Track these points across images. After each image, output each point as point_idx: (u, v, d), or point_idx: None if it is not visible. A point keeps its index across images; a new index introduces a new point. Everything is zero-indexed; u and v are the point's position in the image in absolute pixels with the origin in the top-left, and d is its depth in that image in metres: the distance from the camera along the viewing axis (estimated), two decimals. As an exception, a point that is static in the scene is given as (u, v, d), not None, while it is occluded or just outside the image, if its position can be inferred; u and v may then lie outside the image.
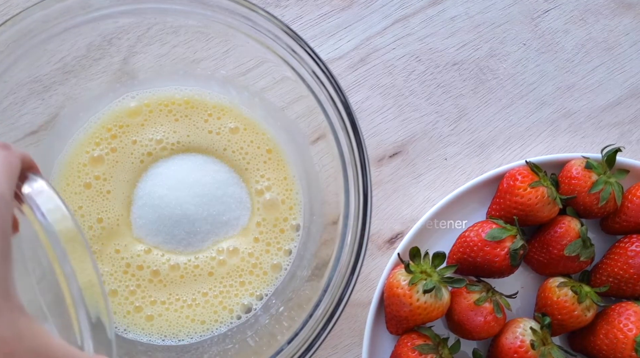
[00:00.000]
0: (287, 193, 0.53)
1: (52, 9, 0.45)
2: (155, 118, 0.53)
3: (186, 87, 0.54)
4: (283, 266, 0.53)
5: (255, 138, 0.53)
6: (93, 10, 0.46)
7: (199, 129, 0.53)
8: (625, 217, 0.53)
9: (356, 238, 0.44)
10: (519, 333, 0.50)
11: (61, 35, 0.47)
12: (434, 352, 0.49)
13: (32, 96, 0.51)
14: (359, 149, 0.44)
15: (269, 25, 0.45)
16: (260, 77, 0.52)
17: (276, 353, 0.44)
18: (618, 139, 0.59)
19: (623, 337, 0.49)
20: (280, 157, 0.53)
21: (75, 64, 0.51)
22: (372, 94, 0.58)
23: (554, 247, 0.51)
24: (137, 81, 0.53)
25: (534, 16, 0.59)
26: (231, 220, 0.52)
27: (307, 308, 0.44)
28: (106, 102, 0.53)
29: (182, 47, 0.53)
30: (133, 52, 0.53)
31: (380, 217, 0.57)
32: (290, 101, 0.51)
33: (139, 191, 0.52)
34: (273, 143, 0.53)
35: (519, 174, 0.52)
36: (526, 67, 0.59)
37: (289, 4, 0.58)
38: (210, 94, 0.54)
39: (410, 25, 0.59)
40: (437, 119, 0.58)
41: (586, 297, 0.50)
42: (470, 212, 0.55)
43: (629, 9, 0.60)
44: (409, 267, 0.50)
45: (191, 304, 0.52)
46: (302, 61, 0.45)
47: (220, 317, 0.52)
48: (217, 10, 0.45)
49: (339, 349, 0.56)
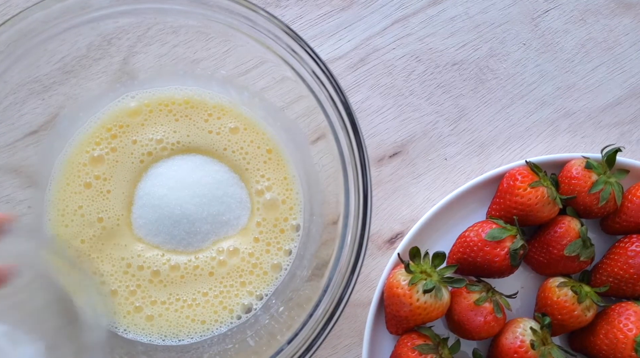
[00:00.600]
0: (287, 193, 0.53)
1: (52, 9, 0.45)
2: (155, 118, 0.53)
3: (186, 87, 0.54)
4: (283, 266, 0.53)
5: (255, 138, 0.53)
6: (93, 10, 0.46)
7: (199, 129, 0.53)
8: (625, 217, 0.53)
9: (356, 238, 0.44)
10: (519, 333, 0.50)
11: (61, 35, 0.47)
12: (434, 352, 0.49)
13: (32, 96, 0.51)
14: (359, 148, 0.44)
15: (269, 25, 0.45)
16: (260, 77, 0.52)
17: (276, 353, 0.44)
18: (618, 139, 0.59)
19: (623, 337, 0.49)
20: (280, 157, 0.53)
21: (75, 64, 0.51)
22: (372, 94, 0.58)
23: (554, 247, 0.51)
24: (137, 81, 0.53)
25: (534, 16, 0.59)
26: (231, 220, 0.52)
27: (307, 308, 0.44)
28: (106, 102, 0.53)
29: (182, 47, 0.53)
30: (133, 52, 0.53)
31: (380, 217, 0.57)
32: (290, 101, 0.51)
33: (139, 191, 0.52)
34: (273, 143, 0.53)
35: (519, 174, 0.52)
36: (526, 67, 0.59)
37: (289, 4, 0.58)
38: (210, 94, 0.54)
39: (410, 25, 0.59)
40: (437, 119, 0.58)
41: (586, 297, 0.50)
42: (470, 212, 0.55)
43: (629, 9, 0.60)
44: (409, 267, 0.50)
45: (191, 304, 0.52)
46: (302, 61, 0.45)
47: (221, 317, 0.52)
48: (217, 10, 0.45)
49: (339, 349, 0.56)
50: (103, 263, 0.51)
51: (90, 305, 0.41)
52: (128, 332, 0.51)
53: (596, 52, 0.59)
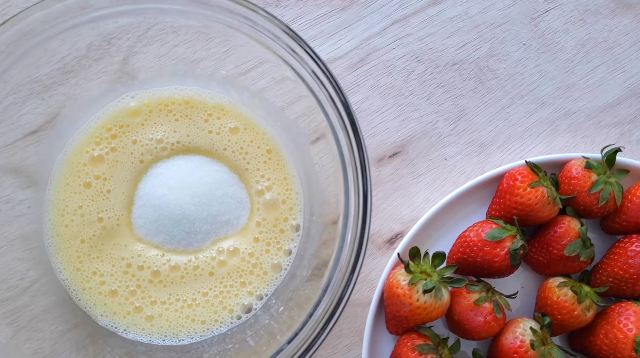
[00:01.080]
0: (287, 193, 0.53)
1: (52, 9, 0.45)
2: (155, 118, 0.53)
3: (186, 87, 0.54)
4: (283, 266, 0.53)
5: (255, 138, 0.53)
6: (93, 10, 0.46)
7: (199, 129, 0.53)
8: (625, 217, 0.53)
9: (356, 238, 0.44)
10: (519, 333, 0.50)
11: (61, 35, 0.47)
12: (434, 352, 0.49)
13: (32, 96, 0.51)
14: (359, 148, 0.44)
15: (269, 25, 0.45)
16: (260, 77, 0.52)
17: (276, 353, 0.44)
18: (618, 139, 0.59)
19: (623, 337, 0.49)
20: (280, 157, 0.53)
21: (75, 64, 0.51)
22: (372, 94, 0.58)
23: (554, 247, 0.51)
24: (137, 81, 0.53)
25: (533, 16, 0.59)
26: (231, 220, 0.52)
27: (307, 308, 0.44)
28: (106, 102, 0.53)
29: (182, 47, 0.53)
30: (133, 52, 0.53)
31: (380, 217, 0.57)
32: (290, 101, 0.51)
33: (139, 191, 0.52)
34: (273, 143, 0.53)
35: (519, 174, 0.52)
36: (526, 67, 0.59)
37: (289, 4, 0.58)
38: (210, 94, 0.54)
39: (410, 25, 0.59)
40: (437, 119, 0.58)
41: (586, 297, 0.50)
42: (470, 212, 0.55)
43: (629, 9, 0.60)
44: (409, 267, 0.50)
45: (191, 304, 0.52)
46: (302, 61, 0.45)
47: (221, 317, 0.52)
48: (217, 10, 0.45)
49: (339, 349, 0.56)
50: (103, 263, 0.51)
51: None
52: (128, 332, 0.51)
53: (596, 52, 0.59)
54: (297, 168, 0.53)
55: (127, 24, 0.50)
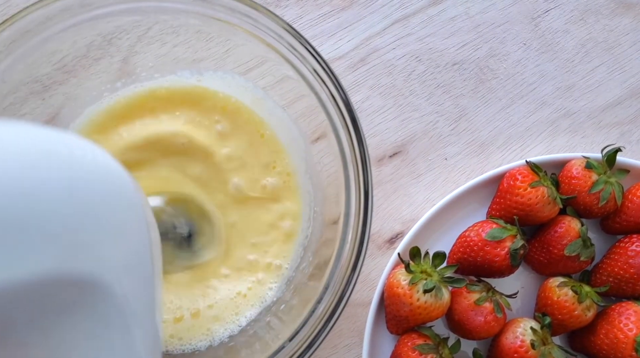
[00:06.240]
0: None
1: (52, 8, 0.44)
2: (156, 117, 0.53)
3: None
4: (283, 266, 0.52)
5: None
6: (93, 9, 0.46)
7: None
8: (625, 217, 0.53)
9: (357, 236, 0.43)
10: (519, 333, 0.50)
11: (61, 35, 0.46)
12: (434, 352, 0.49)
13: (32, 96, 0.51)
14: (360, 147, 0.44)
15: (270, 23, 0.45)
16: (260, 76, 0.52)
17: (276, 352, 0.44)
18: (618, 139, 0.59)
19: (623, 337, 0.49)
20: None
21: (75, 64, 0.51)
22: (372, 94, 0.58)
23: (554, 247, 0.51)
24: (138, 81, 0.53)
25: (534, 16, 0.59)
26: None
27: (307, 307, 0.44)
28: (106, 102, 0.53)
29: (183, 47, 0.53)
30: (133, 52, 0.53)
31: (381, 217, 0.57)
32: (291, 100, 0.51)
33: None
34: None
35: (519, 174, 0.52)
36: (526, 67, 0.59)
37: (289, 4, 0.58)
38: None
39: (410, 25, 0.59)
40: (437, 118, 0.58)
41: (586, 297, 0.50)
42: (470, 212, 0.55)
43: (629, 9, 0.60)
44: (409, 267, 0.50)
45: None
46: (303, 59, 0.45)
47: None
48: (218, 9, 0.45)
49: (339, 349, 0.55)
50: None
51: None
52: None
53: (596, 52, 0.59)
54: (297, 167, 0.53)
55: (127, 24, 0.50)
